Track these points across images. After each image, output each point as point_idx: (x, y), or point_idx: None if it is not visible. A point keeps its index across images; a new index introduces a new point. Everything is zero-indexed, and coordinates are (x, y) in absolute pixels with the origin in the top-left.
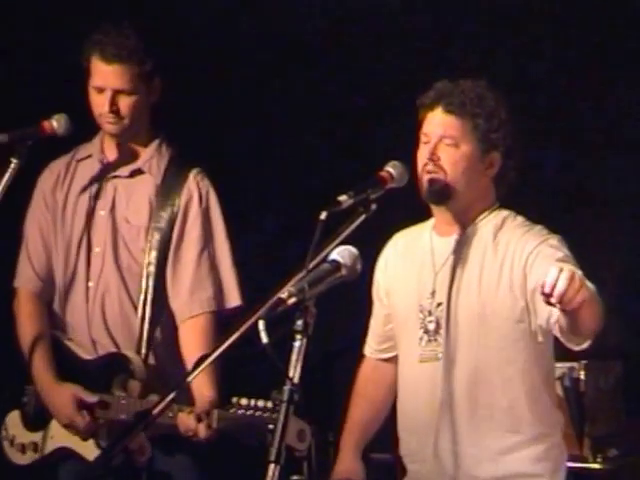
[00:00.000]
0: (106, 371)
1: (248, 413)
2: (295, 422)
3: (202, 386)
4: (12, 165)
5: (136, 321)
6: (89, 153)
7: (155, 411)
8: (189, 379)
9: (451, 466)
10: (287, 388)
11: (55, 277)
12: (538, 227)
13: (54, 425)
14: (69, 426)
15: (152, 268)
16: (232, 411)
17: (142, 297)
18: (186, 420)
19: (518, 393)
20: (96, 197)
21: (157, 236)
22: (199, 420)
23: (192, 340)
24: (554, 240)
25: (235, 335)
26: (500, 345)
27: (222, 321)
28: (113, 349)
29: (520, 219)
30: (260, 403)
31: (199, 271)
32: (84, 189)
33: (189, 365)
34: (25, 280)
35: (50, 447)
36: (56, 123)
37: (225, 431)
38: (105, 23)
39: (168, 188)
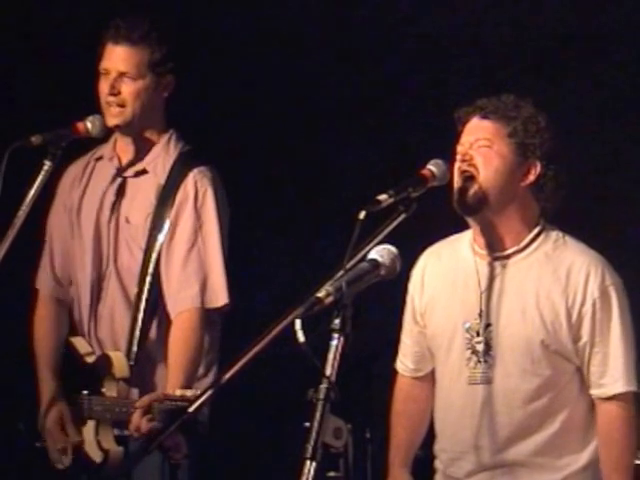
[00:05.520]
0: (96, 373)
1: (178, 404)
2: (332, 420)
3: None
4: (45, 167)
5: (129, 320)
6: (102, 153)
7: (190, 409)
8: (224, 378)
9: None
10: (324, 386)
11: (73, 280)
12: (593, 255)
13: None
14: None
15: (151, 268)
16: (165, 404)
17: (138, 295)
18: (134, 416)
19: (569, 419)
20: (105, 198)
21: (158, 237)
22: (143, 414)
23: (174, 336)
24: (613, 291)
25: (271, 335)
26: (552, 372)
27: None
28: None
29: (569, 240)
30: (189, 393)
31: (186, 269)
32: (96, 190)
33: (169, 360)
34: (44, 284)
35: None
36: (90, 124)
37: (166, 424)
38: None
39: (170, 187)
